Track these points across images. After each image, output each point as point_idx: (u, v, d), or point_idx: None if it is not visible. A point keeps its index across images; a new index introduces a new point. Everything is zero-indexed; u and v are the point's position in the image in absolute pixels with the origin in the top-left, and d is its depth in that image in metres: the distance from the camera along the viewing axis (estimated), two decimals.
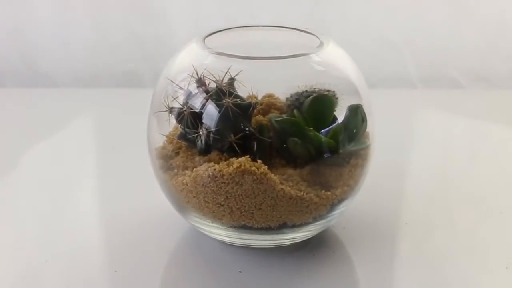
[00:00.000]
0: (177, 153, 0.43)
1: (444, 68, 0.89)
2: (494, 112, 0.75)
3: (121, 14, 0.86)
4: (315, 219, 0.42)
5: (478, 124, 0.73)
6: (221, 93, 0.40)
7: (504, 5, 0.86)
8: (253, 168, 0.39)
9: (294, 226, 0.42)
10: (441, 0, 0.87)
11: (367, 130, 0.44)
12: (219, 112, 0.40)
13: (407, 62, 0.88)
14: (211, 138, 0.40)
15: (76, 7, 0.86)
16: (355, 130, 0.43)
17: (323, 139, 0.41)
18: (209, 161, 0.40)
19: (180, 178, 0.42)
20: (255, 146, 0.40)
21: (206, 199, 0.41)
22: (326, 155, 0.41)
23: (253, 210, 0.41)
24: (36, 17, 0.86)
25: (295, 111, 0.42)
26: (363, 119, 0.43)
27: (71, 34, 0.87)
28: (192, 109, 0.40)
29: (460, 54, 0.88)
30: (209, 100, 0.40)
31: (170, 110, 0.42)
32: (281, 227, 0.42)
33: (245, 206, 0.41)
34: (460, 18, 0.87)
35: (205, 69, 0.41)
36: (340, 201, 0.43)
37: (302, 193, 0.40)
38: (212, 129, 0.40)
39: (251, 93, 0.43)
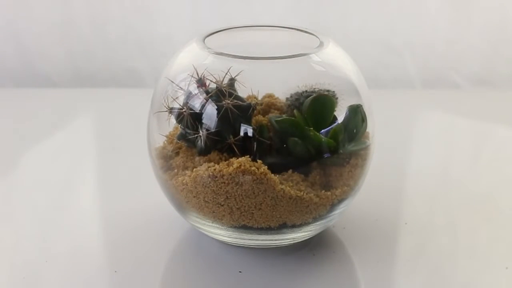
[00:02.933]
0: (177, 153, 0.43)
1: (445, 71, 0.88)
2: (495, 113, 0.75)
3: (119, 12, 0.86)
4: (315, 219, 0.42)
5: (478, 125, 0.73)
6: (221, 94, 0.40)
7: (505, 7, 0.86)
8: (253, 168, 0.39)
9: (294, 226, 0.42)
10: (443, 3, 0.86)
11: (367, 130, 0.44)
12: (218, 113, 0.40)
13: (408, 65, 0.88)
14: (210, 139, 0.40)
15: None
16: (355, 130, 0.43)
17: (323, 139, 0.41)
18: (209, 161, 0.40)
19: (180, 178, 0.42)
20: (255, 147, 0.40)
21: (206, 199, 0.41)
22: (326, 155, 0.41)
23: (253, 210, 0.41)
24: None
25: (295, 111, 0.42)
26: (363, 119, 0.43)
27: (69, 32, 0.87)
28: (191, 109, 0.40)
29: (461, 57, 0.88)
30: (209, 101, 0.40)
31: (170, 110, 0.42)
32: (281, 227, 0.42)
33: (245, 206, 0.41)
34: (462, 20, 0.87)
35: (205, 69, 0.41)
36: (340, 201, 0.43)
37: (302, 193, 0.40)
38: (212, 130, 0.40)
39: (251, 93, 0.44)
